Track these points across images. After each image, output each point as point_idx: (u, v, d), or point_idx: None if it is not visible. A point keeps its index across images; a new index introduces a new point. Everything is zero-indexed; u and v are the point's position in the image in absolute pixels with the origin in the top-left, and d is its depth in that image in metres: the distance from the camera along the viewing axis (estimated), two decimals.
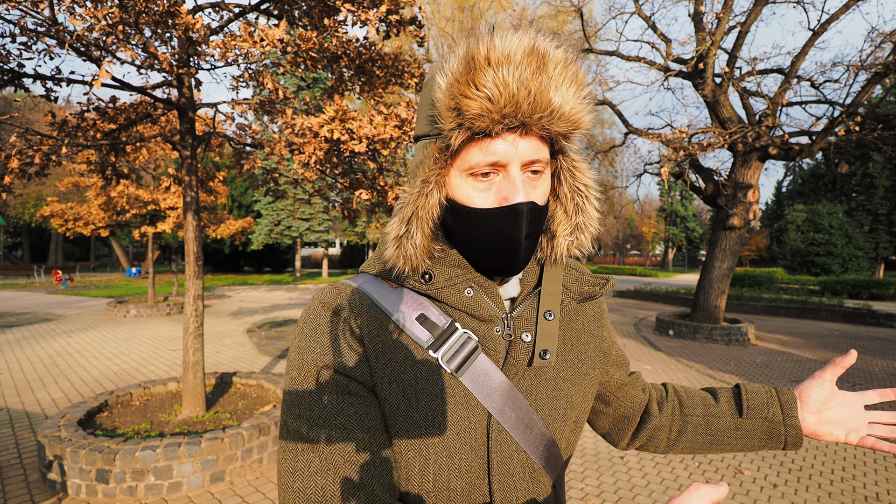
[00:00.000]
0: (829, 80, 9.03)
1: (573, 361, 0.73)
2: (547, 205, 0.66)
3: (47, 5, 2.56)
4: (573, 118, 0.60)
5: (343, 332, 0.64)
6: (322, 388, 0.62)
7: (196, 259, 3.90)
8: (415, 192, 0.65)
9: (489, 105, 0.56)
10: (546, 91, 0.57)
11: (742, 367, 6.99)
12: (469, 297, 0.66)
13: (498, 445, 0.64)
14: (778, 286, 18.76)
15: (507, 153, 0.59)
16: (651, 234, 50.28)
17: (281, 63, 4.56)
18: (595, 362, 0.76)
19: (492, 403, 0.64)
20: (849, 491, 3.34)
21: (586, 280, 0.77)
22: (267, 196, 14.34)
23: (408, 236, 0.65)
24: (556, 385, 0.70)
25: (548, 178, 0.66)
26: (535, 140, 0.61)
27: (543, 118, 0.58)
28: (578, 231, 0.70)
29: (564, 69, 0.59)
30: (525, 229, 0.61)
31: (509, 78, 0.56)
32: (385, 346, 0.64)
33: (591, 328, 0.77)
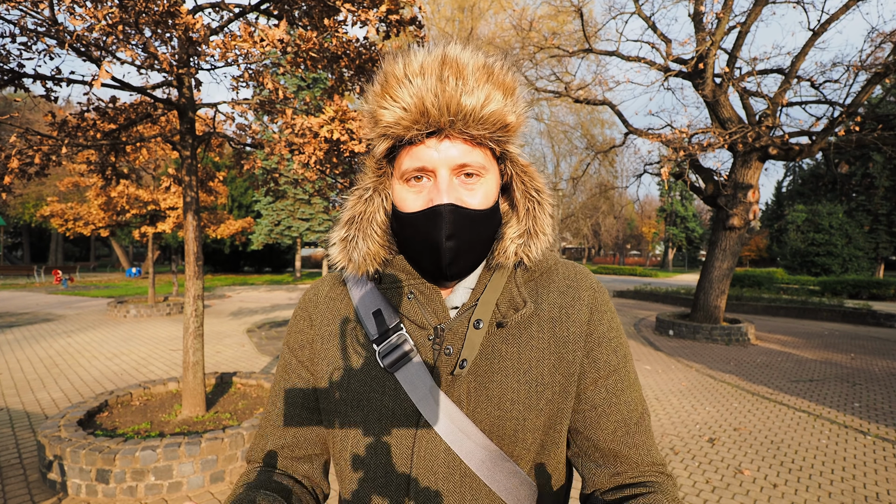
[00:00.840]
0: (829, 81, 9.03)
1: (522, 381, 0.67)
2: (491, 209, 0.67)
3: (47, 5, 2.56)
4: (492, 120, 0.62)
5: (304, 318, 0.78)
6: (280, 359, 0.79)
7: (196, 259, 3.90)
8: (353, 199, 0.72)
9: (402, 114, 0.61)
10: (457, 96, 0.60)
11: (742, 367, 6.99)
12: (409, 301, 0.69)
13: (423, 442, 0.65)
14: (778, 286, 18.75)
15: (430, 158, 0.63)
16: (651, 234, 50.28)
17: (281, 63, 4.56)
18: (551, 381, 0.68)
19: (423, 404, 0.65)
20: (849, 491, 3.34)
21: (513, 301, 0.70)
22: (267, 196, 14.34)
23: (351, 241, 0.71)
24: (501, 404, 0.66)
25: (489, 183, 0.66)
26: (464, 144, 0.63)
27: (457, 122, 0.61)
28: (528, 236, 0.70)
29: (482, 74, 0.61)
30: (446, 230, 0.62)
31: (419, 87, 0.60)
32: (337, 332, 0.73)
33: (553, 347, 0.69)
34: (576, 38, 12.41)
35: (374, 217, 0.71)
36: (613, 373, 0.72)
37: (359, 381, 0.69)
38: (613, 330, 0.74)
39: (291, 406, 0.76)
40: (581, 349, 0.70)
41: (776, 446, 4.09)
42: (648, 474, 0.69)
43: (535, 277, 0.74)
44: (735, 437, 4.28)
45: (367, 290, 0.74)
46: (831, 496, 3.26)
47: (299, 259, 24.79)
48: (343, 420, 0.70)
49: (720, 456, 3.89)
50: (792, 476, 3.55)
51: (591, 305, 0.73)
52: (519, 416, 0.66)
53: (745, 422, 4.69)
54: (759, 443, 4.16)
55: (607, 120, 25.01)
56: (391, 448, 0.66)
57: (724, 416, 4.85)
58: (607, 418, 0.71)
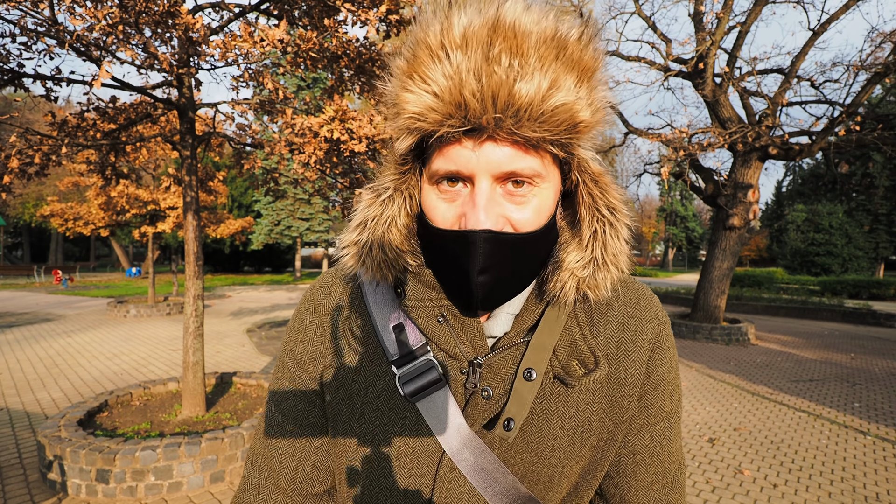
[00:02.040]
0: (829, 80, 9.04)
1: (566, 427, 0.57)
2: (544, 228, 0.53)
3: (47, 5, 2.56)
4: (556, 118, 0.45)
5: (312, 325, 0.63)
6: (282, 371, 0.64)
7: (196, 259, 3.90)
8: (368, 198, 0.58)
9: (432, 102, 0.46)
10: (508, 83, 0.44)
11: (742, 366, 6.99)
12: (439, 325, 0.57)
13: (446, 483, 0.55)
14: (778, 286, 18.76)
15: (468, 162, 0.48)
16: (651, 234, 50.29)
17: (281, 63, 4.56)
18: (599, 428, 0.58)
19: (447, 441, 0.55)
20: (849, 491, 3.34)
21: (577, 351, 0.57)
22: (267, 196, 14.35)
23: (364, 247, 0.57)
24: (539, 451, 0.56)
25: (545, 194, 0.52)
26: (512, 147, 0.47)
27: (506, 119, 0.45)
28: (595, 267, 0.54)
29: (549, 49, 0.45)
30: (478, 263, 0.49)
31: (458, 66, 0.44)
32: (349, 347, 0.60)
33: (605, 389, 0.58)
34: None
35: (395, 221, 0.57)
36: (664, 419, 0.61)
37: (374, 411, 0.57)
38: (673, 371, 0.62)
39: (305, 428, 0.61)
40: (637, 392, 0.59)
41: (776, 446, 4.09)
42: None
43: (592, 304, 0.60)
44: (735, 437, 4.28)
45: (388, 299, 0.60)
46: (831, 496, 3.26)
47: (299, 259, 24.80)
48: (352, 456, 0.59)
49: (720, 456, 3.89)
50: (792, 476, 3.55)
51: (654, 342, 0.61)
52: (558, 463, 0.56)
53: (745, 422, 4.69)
54: (759, 443, 4.16)
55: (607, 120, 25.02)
56: (409, 488, 0.57)
57: (724, 416, 4.85)
58: (646, 469, 0.61)
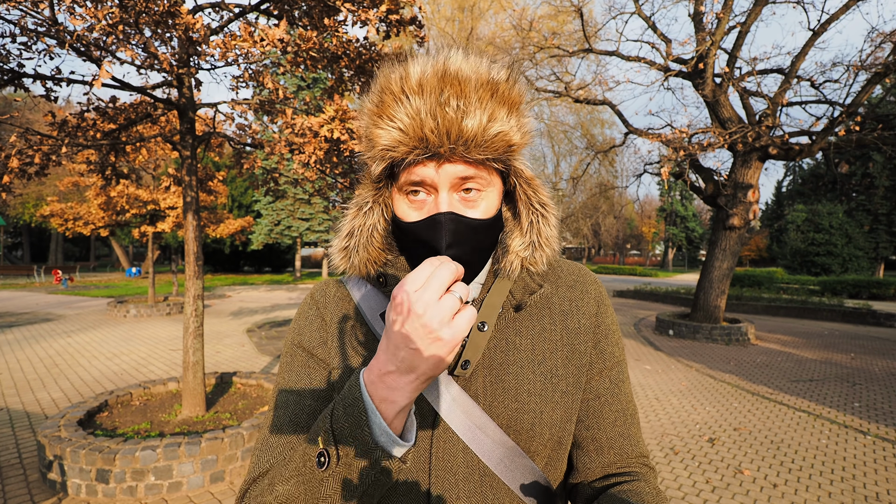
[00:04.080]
0: (829, 80, 9.03)
1: (538, 372, 0.68)
2: (492, 219, 0.66)
3: (47, 5, 2.56)
4: (495, 144, 0.59)
5: (318, 317, 0.76)
6: (292, 361, 0.73)
7: (196, 259, 3.90)
8: (353, 211, 0.72)
9: (399, 136, 0.59)
10: (458, 120, 0.57)
11: (742, 366, 6.99)
12: None
13: (441, 441, 0.65)
14: (778, 286, 18.76)
15: (431, 178, 0.61)
16: (651, 234, 50.29)
17: (281, 63, 4.56)
18: (565, 373, 0.70)
19: (438, 402, 0.65)
20: (849, 491, 3.34)
21: (528, 286, 0.72)
22: (267, 196, 14.34)
23: (351, 250, 0.71)
24: (518, 396, 0.66)
25: (490, 196, 0.65)
26: (464, 165, 0.61)
27: (458, 148, 0.58)
28: (533, 248, 0.70)
29: (486, 91, 0.58)
30: (446, 239, 0.62)
31: (418, 108, 0.57)
32: (346, 334, 0.73)
33: (565, 338, 0.71)
34: (576, 38, 12.41)
35: (375, 227, 0.71)
36: (616, 365, 0.75)
37: None
38: (615, 324, 0.77)
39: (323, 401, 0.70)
40: (590, 340, 0.73)
41: (776, 446, 4.09)
42: (634, 465, 0.72)
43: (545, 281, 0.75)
44: (735, 437, 4.28)
45: (370, 292, 0.74)
46: (831, 496, 3.26)
47: (299, 259, 24.80)
48: None
49: (720, 456, 3.89)
50: (792, 476, 3.55)
51: (598, 299, 0.75)
52: (536, 408, 0.66)
53: (745, 422, 4.69)
54: (759, 443, 4.16)
55: (607, 120, 25.00)
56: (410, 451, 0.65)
57: (724, 416, 4.85)
58: (609, 408, 0.73)
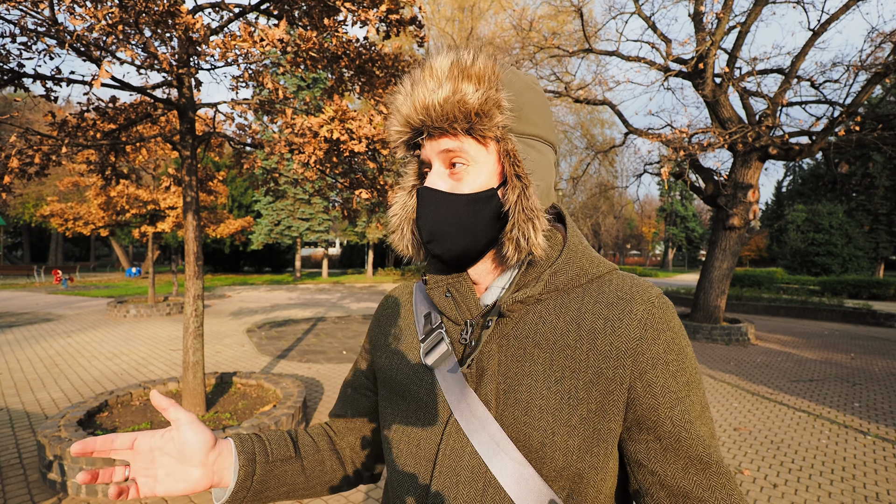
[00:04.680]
0: (829, 80, 9.03)
1: (553, 390, 0.63)
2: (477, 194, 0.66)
3: (47, 5, 2.56)
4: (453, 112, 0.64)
5: (376, 318, 0.87)
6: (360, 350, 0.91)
7: (196, 259, 3.90)
8: (399, 194, 0.78)
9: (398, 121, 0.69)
10: (427, 96, 0.64)
11: (742, 366, 6.99)
12: (446, 299, 0.73)
13: (450, 440, 0.66)
14: (778, 286, 18.75)
15: (427, 155, 0.69)
16: (651, 234, 50.28)
17: (281, 63, 4.56)
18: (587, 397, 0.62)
19: (454, 403, 0.66)
20: (849, 491, 3.34)
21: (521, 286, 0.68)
22: (267, 196, 14.34)
23: (402, 234, 0.76)
24: (528, 410, 0.63)
25: (480, 170, 0.67)
26: (449, 138, 0.66)
27: (427, 120, 0.65)
28: (518, 226, 0.65)
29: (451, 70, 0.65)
30: (421, 210, 0.68)
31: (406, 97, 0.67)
32: (398, 331, 0.81)
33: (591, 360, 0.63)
34: (576, 38, 12.41)
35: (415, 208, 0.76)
36: (678, 403, 0.63)
37: (403, 374, 0.75)
38: (673, 352, 0.64)
39: (348, 385, 0.91)
40: (627, 368, 0.62)
41: (776, 446, 4.09)
42: None
43: (583, 284, 0.68)
44: (735, 437, 4.28)
45: (423, 293, 0.80)
46: (831, 496, 3.26)
47: (299, 259, 24.80)
48: (390, 407, 0.76)
49: None
50: (792, 476, 3.55)
51: (645, 322, 0.64)
52: (547, 427, 0.62)
53: (745, 422, 4.69)
54: (759, 443, 4.16)
55: (607, 120, 25.00)
56: (421, 441, 0.69)
57: (724, 416, 4.85)
58: (675, 454, 0.63)
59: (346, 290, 19.35)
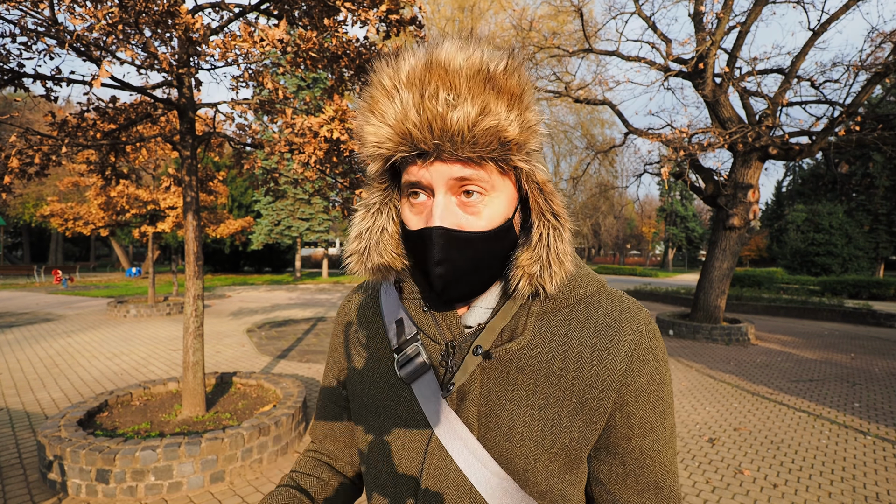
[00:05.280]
0: (829, 80, 9.04)
1: (536, 417, 0.61)
2: (497, 229, 0.59)
3: (47, 5, 2.56)
4: (486, 139, 0.53)
5: (339, 322, 0.82)
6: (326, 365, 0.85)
7: (196, 259, 3.90)
8: (361, 213, 0.67)
9: (387, 132, 0.55)
10: (441, 114, 0.51)
11: (742, 366, 6.99)
12: (424, 315, 0.67)
13: (434, 459, 0.63)
14: (778, 286, 18.75)
15: (427, 178, 0.56)
16: (651, 234, 50.28)
17: (281, 63, 4.56)
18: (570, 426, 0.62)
19: (434, 419, 0.63)
20: (849, 491, 3.34)
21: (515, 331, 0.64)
22: (267, 196, 14.34)
23: (364, 254, 0.67)
24: (510, 437, 0.61)
25: (496, 202, 0.59)
26: (459, 164, 0.55)
27: (444, 144, 0.53)
28: (542, 265, 0.60)
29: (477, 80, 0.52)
30: (436, 255, 0.56)
31: (403, 103, 0.53)
32: (366, 338, 0.75)
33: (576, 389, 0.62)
34: (576, 38, 12.41)
35: (385, 228, 0.67)
36: (650, 431, 0.64)
37: (377, 388, 0.69)
38: (655, 382, 0.64)
39: (327, 402, 0.85)
40: (611, 399, 0.62)
41: (776, 446, 4.09)
42: None
43: (570, 304, 0.65)
44: (735, 437, 4.28)
45: (393, 298, 0.72)
46: (831, 496, 3.26)
47: (299, 259, 24.80)
48: (364, 424, 0.72)
49: (720, 456, 3.89)
50: (792, 476, 3.55)
51: (632, 353, 0.62)
52: (529, 454, 0.61)
53: (745, 422, 4.69)
54: (759, 443, 4.16)
55: (607, 120, 25.02)
56: (403, 460, 0.65)
57: (724, 416, 4.85)
58: (636, 479, 0.65)
59: (347, 290, 19.34)
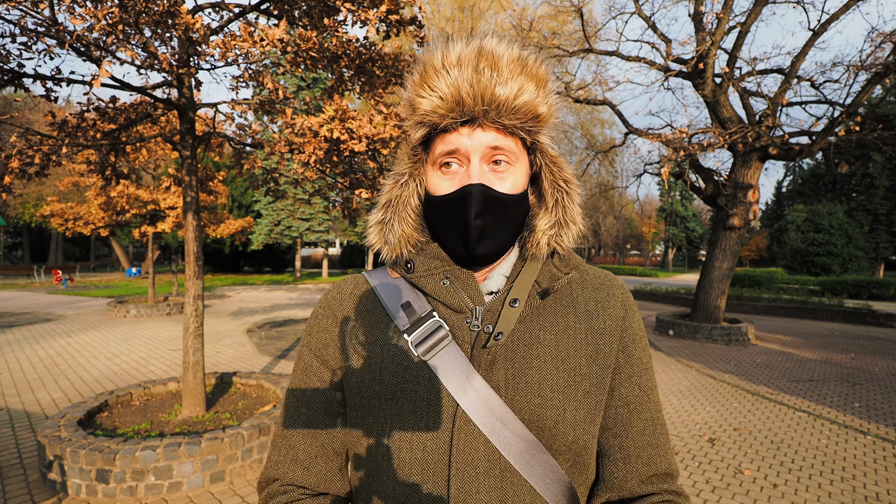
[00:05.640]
0: (829, 80, 9.03)
1: (561, 369, 0.67)
2: (519, 196, 0.69)
3: (47, 5, 2.56)
4: (524, 110, 0.65)
5: (328, 317, 0.76)
6: (299, 362, 0.77)
7: (196, 259, 3.90)
8: (390, 183, 0.75)
9: (439, 102, 0.64)
10: (491, 86, 0.63)
11: (742, 366, 6.99)
12: (444, 287, 0.70)
13: (462, 434, 0.63)
14: (778, 286, 18.75)
15: (464, 143, 0.65)
16: (651, 234, 50.27)
17: (281, 63, 4.56)
18: (589, 373, 0.68)
19: (460, 392, 0.64)
20: (849, 491, 3.34)
21: (555, 275, 0.72)
22: (267, 196, 14.34)
23: (387, 224, 0.73)
24: (541, 391, 0.65)
25: (518, 171, 0.69)
26: (495, 132, 0.65)
27: (490, 111, 0.63)
28: (559, 227, 0.71)
29: (516, 65, 0.64)
30: (475, 209, 0.64)
31: (456, 77, 0.63)
32: (367, 328, 0.73)
33: (590, 338, 0.70)
34: (576, 38, 12.41)
35: (409, 201, 0.74)
36: (645, 371, 0.74)
37: (391, 374, 0.67)
38: (642, 330, 0.76)
39: (316, 412, 0.74)
40: (616, 342, 0.71)
41: (776, 446, 4.09)
42: (664, 491, 0.70)
43: (572, 269, 0.74)
44: (735, 437, 4.28)
45: (392, 283, 0.75)
46: (831, 496, 3.26)
47: (299, 259, 24.80)
48: (377, 414, 0.67)
49: (720, 456, 3.89)
50: (792, 476, 3.55)
51: (625, 303, 0.74)
52: (559, 405, 0.65)
53: (745, 422, 4.69)
54: (759, 443, 4.16)
55: (607, 120, 25.02)
56: (428, 442, 0.64)
57: (724, 416, 4.85)
58: (638, 416, 0.72)
59: None
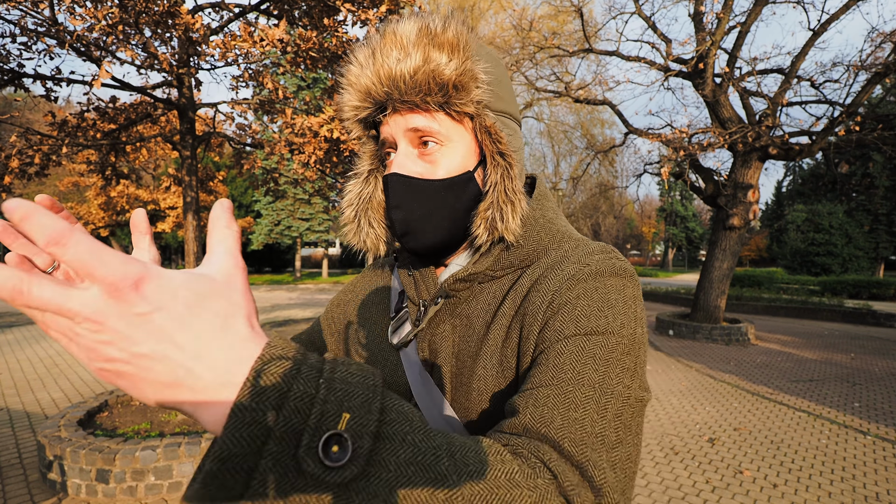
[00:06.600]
0: (829, 80, 9.03)
1: (488, 364, 0.60)
2: (453, 179, 0.61)
3: (47, 5, 2.56)
4: (425, 81, 0.57)
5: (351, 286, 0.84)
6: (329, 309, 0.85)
7: (196, 259, 3.90)
8: (351, 183, 0.73)
9: (355, 96, 0.62)
10: (390, 66, 0.58)
11: (742, 366, 6.99)
12: (409, 277, 0.70)
13: None
14: (778, 286, 18.74)
15: (386, 131, 0.63)
16: (651, 234, 50.27)
17: (281, 63, 4.56)
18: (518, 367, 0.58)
19: (415, 386, 0.64)
20: (849, 491, 3.34)
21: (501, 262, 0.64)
22: (267, 196, 14.34)
23: (359, 227, 0.71)
24: (468, 394, 0.60)
25: (453, 152, 0.61)
26: (415, 114, 0.60)
27: (393, 92, 0.59)
28: (495, 207, 0.60)
29: (420, 38, 0.58)
30: (392, 200, 0.62)
31: (362, 67, 0.60)
32: (372, 304, 0.77)
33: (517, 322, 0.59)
34: (576, 38, 12.41)
35: (373, 196, 0.71)
36: (565, 339, 0.52)
37: (370, 351, 0.73)
38: (585, 298, 0.54)
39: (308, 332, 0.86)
40: (539, 321, 0.56)
41: (776, 446, 4.09)
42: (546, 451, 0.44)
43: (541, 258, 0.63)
44: (735, 437, 4.28)
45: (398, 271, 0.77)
46: (831, 496, 3.26)
47: (299, 259, 24.80)
48: None
49: (720, 456, 3.89)
50: (792, 476, 3.55)
51: (571, 275, 0.57)
52: (489, 408, 0.59)
53: (745, 422, 4.69)
54: (759, 443, 4.16)
55: (607, 120, 25.00)
56: None
57: (724, 416, 4.85)
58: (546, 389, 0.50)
59: None
